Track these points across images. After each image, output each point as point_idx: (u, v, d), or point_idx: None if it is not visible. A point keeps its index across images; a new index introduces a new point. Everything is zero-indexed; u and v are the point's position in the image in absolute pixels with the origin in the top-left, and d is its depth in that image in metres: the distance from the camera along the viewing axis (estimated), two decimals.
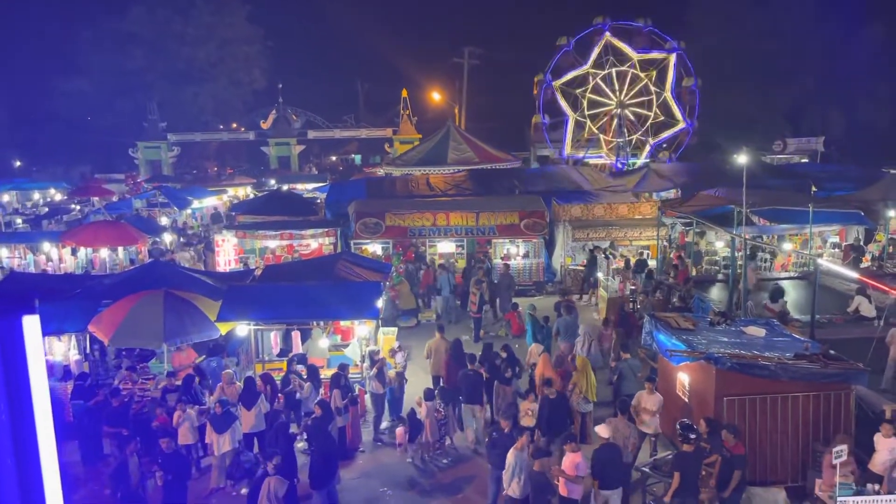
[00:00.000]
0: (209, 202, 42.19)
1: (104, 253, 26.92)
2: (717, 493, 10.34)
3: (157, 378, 14.39)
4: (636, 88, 41.57)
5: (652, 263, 23.79)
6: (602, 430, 10.79)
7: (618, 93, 41.58)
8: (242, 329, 15.37)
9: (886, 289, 15.20)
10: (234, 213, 31.02)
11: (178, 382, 13.56)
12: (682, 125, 41.77)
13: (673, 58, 41.19)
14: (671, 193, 30.29)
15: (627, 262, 23.13)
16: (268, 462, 9.85)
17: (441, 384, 14.75)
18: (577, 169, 34.21)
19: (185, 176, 57.30)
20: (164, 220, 36.44)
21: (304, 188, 44.99)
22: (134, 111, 64.08)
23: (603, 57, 41.40)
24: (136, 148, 64.20)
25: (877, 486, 9.91)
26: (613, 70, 41.39)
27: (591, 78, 41.50)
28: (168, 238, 31.46)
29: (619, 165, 40.72)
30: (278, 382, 14.04)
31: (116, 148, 65.31)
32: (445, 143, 40.16)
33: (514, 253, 25.36)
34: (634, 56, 41.14)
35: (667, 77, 41.56)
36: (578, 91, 41.65)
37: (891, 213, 23.28)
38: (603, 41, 40.79)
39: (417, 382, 14.66)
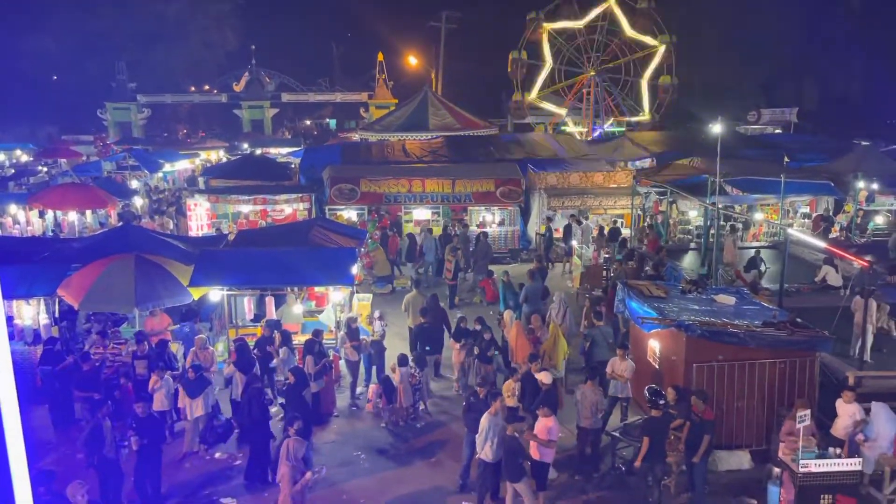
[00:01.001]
0: (181, 165, 41.55)
1: (72, 216, 26.46)
2: (685, 456, 10.59)
3: (128, 343, 14.28)
4: (615, 64, 41.52)
5: (626, 232, 23.97)
6: (543, 377, 11.36)
7: (597, 61, 41.48)
8: (215, 294, 15.25)
9: (853, 258, 15.49)
10: (206, 177, 30.55)
11: (147, 349, 13.43)
12: (661, 47, 41.63)
13: (661, 49, 41.08)
14: (646, 162, 30.45)
15: (602, 230, 23.27)
16: (289, 427, 9.88)
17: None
18: (553, 136, 34.19)
19: (156, 138, 56.30)
20: (134, 184, 35.84)
21: (278, 152, 44.48)
22: (102, 71, 62.52)
23: (599, 22, 41.17)
24: (105, 109, 62.78)
25: (838, 450, 10.22)
26: (602, 38, 41.24)
27: (578, 36, 41.28)
28: (139, 202, 30.98)
29: (596, 133, 40.79)
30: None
31: (84, 109, 63.78)
32: (424, 108, 39.76)
33: (489, 220, 25.39)
34: (628, 32, 40.94)
35: (649, 66, 41.49)
36: (554, 87, 41.57)
37: (860, 184, 23.66)
38: (606, 5, 40.44)
39: (394, 350, 14.71)
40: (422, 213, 25.39)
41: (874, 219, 24.58)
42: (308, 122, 75.21)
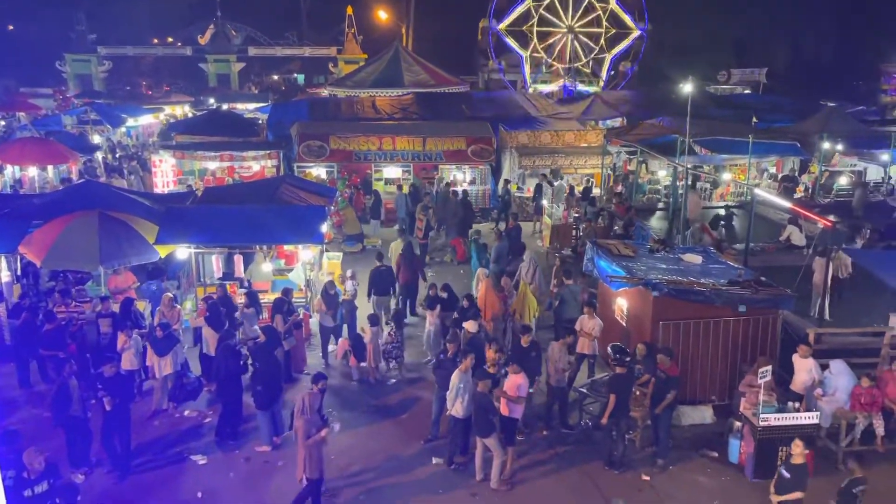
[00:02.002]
0: (145, 120, 40.53)
1: (33, 171, 25.74)
2: (649, 411, 10.84)
3: (93, 301, 14.07)
4: (582, 7, 41.05)
5: (596, 191, 24.07)
6: (469, 326, 12.09)
7: (565, 18, 41.03)
8: (182, 252, 15.04)
9: (817, 218, 15.77)
10: (171, 133, 29.83)
11: (116, 307, 13.26)
12: (635, 32, 41.56)
13: (635, 34, 40.72)
14: (617, 122, 30.46)
15: (572, 189, 23.34)
16: (314, 385, 9.86)
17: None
18: (525, 95, 33.96)
19: (118, 92, 54.65)
20: (96, 139, 34.92)
21: (245, 108, 43.54)
22: (60, 21, 60.26)
23: None
24: (64, 61, 60.72)
25: (797, 405, 10.53)
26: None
27: (534, 11, 40.71)
28: (101, 157, 30.22)
29: (568, 92, 40.61)
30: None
31: (43, 61, 61.57)
32: (397, 64, 39.06)
33: (460, 179, 25.28)
34: (612, 4, 40.43)
35: (619, 45, 41.22)
36: (526, 27, 40.93)
37: (826, 145, 23.98)
38: None
39: (365, 308, 14.70)
40: (392, 171, 25.18)
41: (838, 179, 24.99)
42: (276, 77, 73.57)
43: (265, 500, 9.93)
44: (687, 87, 22.24)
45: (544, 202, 23.37)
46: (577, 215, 21.14)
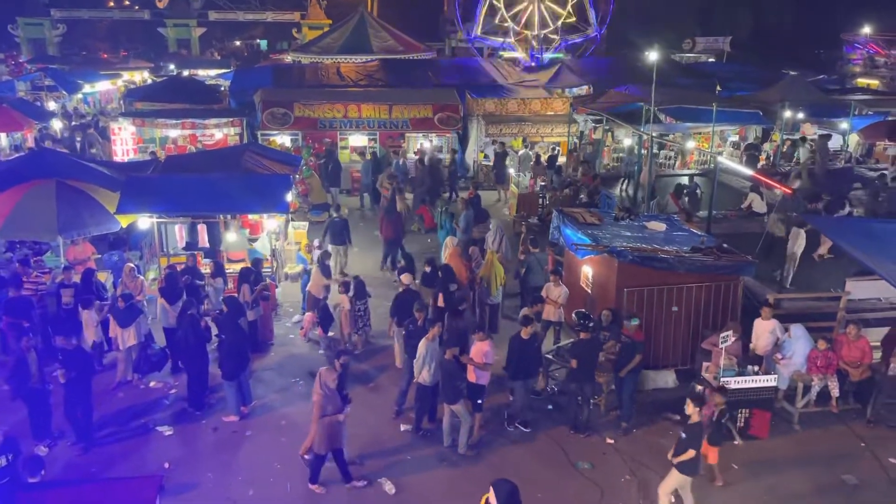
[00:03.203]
0: (102, 86, 39.41)
1: None
2: (613, 376, 11.05)
3: (52, 272, 13.78)
4: None
5: (562, 160, 24.13)
6: (405, 279, 12.68)
7: None
8: (144, 222, 14.76)
9: (777, 186, 16.06)
10: (130, 100, 29.06)
11: (77, 279, 13.01)
12: (590, 31, 41.44)
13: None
14: (583, 90, 30.45)
15: (538, 158, 23.39)
16: (336, 360, 9.72)
17: None
18: (491, 62, 33.71)
19: (74, 57, 52.96)
20: (52, 105, 33.90)
21: (207, 74, 42.55)
22: None
23: None
24: (17, 25, 58.53)
25: (756, 368, 10.81)
26: None
27: None
28: (58, 124, 29.38)
29: (534, 60, 40.38)
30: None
31: None
32: (364, 30, 38.39)
33: (427, 147, 25.12)
34: None
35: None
36: None
37: (787, 113, 24.29)
38: None
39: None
40: (358, 139, 24.93)
41: (800, 148, 25.38)
42: (238, 43, 71.87)
43: (233, 469, 9.93)
44: (652, 56, 22.27)
45: (510, 171, 23.39)
46: (542, 184, 21.21)
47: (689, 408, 8.71)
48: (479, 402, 10.48)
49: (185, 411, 11.27)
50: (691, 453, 8.53)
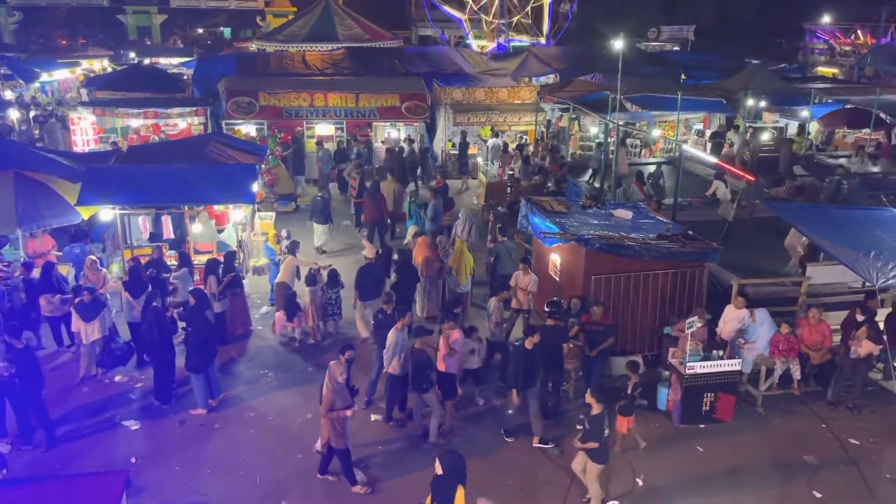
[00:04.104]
0: (60, 75, 38.46)
1: None
2: (582, 362, 11.17)
3: (12, 265, 13.45)
4: None
5: (529, 149, 24.21)
6: (368, 251, 13.43)
7: None
8: (107, 213, 14.47)
9: (741, 174, 16.32)
10: (89, 89, 28.40)
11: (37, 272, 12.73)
12: (541, 40, 41.58)
13: None
14: (550, 78, 30.54)
15: (506, 146, 23.43)
16: (341, 355, 9.56)
17: None
18: (458, 51, 33.64)
19: (31, 45, 51.59)
20: (8, 94, 33.00)
21: (169, 63, 41.78)
22: None
23: None
24: None
25: (721, 353, 11.00)
26: None
27: None
28: (14, 114, 28.61)
29: (501, 48, 40.40)
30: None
31: None
32: (329, 18, 38.00)
33: (395, 137, 25.01)
34: None
35: None
36: None
37: (750, 101, 24.68)
38: None
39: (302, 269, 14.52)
40: (324, 129, 24.72)
41: (762, 136, 25.81)
42: (200, 31, 70.61)
43: (202, 463, 9.83)
44: (618, 44, 22.42)
45: (479, 160, 23.40)
46: (511, 172, 21.26)
47: (589, 398, 8.75)
48: (450, 390, 10.51)
49: (151, 405, 11.12)
50: (593, 444, 8.65)
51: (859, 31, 46.24)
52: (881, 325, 11.42)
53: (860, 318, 11.20)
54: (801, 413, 11.21)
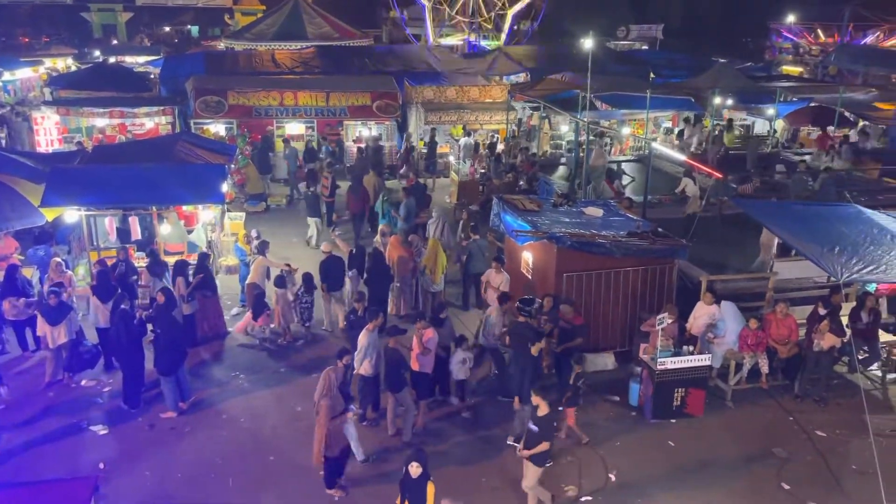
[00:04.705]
0: (22, 74, 37.64)
1: None
2: (553, 359, 11.23)
3: None
4: None
5: (500, 147, 24.26)
6: (324, 246, 13.51)
7: None
8: (72, 215, 14.21)
9: (709, 171, 16.53)
10: (53, 88, 27.83)
11: None
12: (497, 44, 41.81)
13: None
14: (521, 77, 30.66)
15: (477, 145, 23.47)
16: (338, 360, 9.47)
17: None
18: (429, 49, 33.62)
19: None
20: None
21: (135, 61, 41.12)
22: None
23: None
24: None
25: (690, 348, 11.14)
26: None
27: None
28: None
29: (472, 47, 40.47)
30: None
31: None
32: (298, 16, 37.74)
33: (366, 136, 24.92)
34: None
35: (520, 1, 41.17)
36: None
37: (717, 100, 25.01)
38: None
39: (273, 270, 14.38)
40: (294, 128, 24.54)
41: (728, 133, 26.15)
42: (167, 29, 69.62)
43: (172, 466, 9.69)
44: (588, 43, 22.56)
45: (451, 158, 23.40)
46: (482, 171, 21.30)
47: (536, 399, 8.54)
48: (423, 389, 10.50)
49: (119, 409, 10.94)
50: (545, 445, 8.46)
51: (820, 31, 47.14)
52: (846, 319, 11.66)
53: (822, 311, 11.42)
54: (770, 406, 11.39)
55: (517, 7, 42.55)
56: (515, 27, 42.55)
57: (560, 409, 9.92)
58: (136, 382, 11.02)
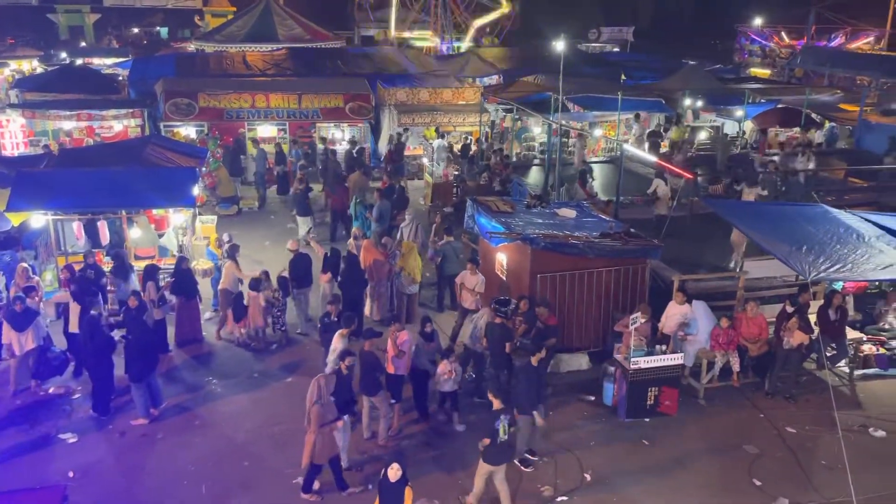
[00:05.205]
0: None
1: None
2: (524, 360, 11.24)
3: None
4: None
5: (473, 148, 24.31)
6: (291, 244, 13.82)
7: None
8: (38, 220, 13.95)
9: (680, 172, 16.72)
10: (19, 90, 27.31)
11: None
12: (505, 9, 41.99)
13: (505, 10, 40.90)
14: (493, 79, 30.78)
15: (451, 147, 23.48)
16: (341, 362, 9.38)
17: None
18: (402, 51, 33.61)
19: None
20: None
21: (103, 63, 40.52)
22: None
23: None
24: None
25: (663, 347, 11.25)
26: None
27: None
28: None
29: (444, 49, 40.54)
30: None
31: None
32: (269, 18, 37.50)
33: (339, 138, 24.82)
34: None
35: (485, 16, 41.34)
36: None
37: (687, 101, 25.33)
38: None
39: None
40: (267, 130, 24.36)
41: (699, 135, 26.52)
42: (136, 31, 68.70)
43: (144, 474, 9.55)
44: (560, 46, 22.71)
45: (424, 160, 23.38)
46: (456, 173, 21.33)
47: (490, 397, 8.74)
48: (399, 392, 10.47)
49: (89, 416, 10.76)
50: (487, 441, 8.54)
51: (784, 34, 47.98)
52: (814, 317, 11.86)
53: (790, 310, 11.61)
54: (741, 404, 11.54)
55: (481, 21, 42.75)
56: (480, 39, 42.75)
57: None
58: (106, 389, 10.84)
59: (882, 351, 12.46)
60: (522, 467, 9.75)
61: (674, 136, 24.52)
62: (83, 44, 55.79)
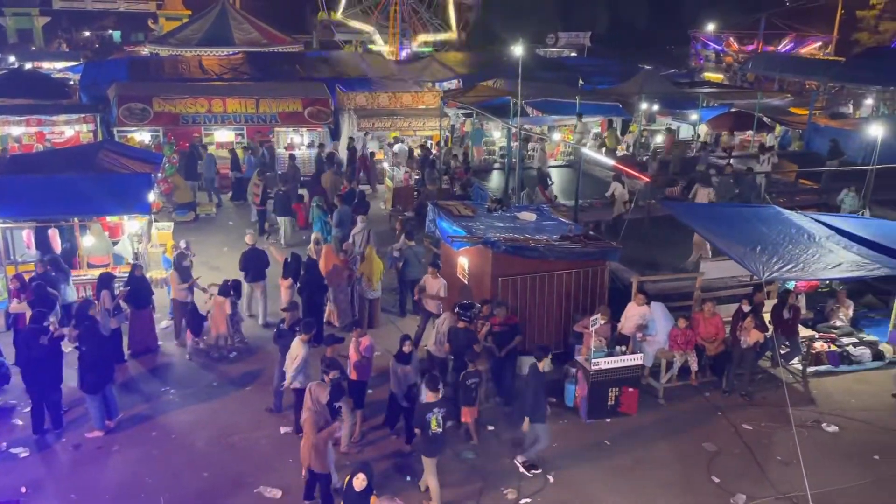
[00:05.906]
0: None
1: None
2: (492, 364, 11.27)
3: None
4: None
5: (434, 151, 24.31)
6: (248, 238, 14.11)
7: None
8: None
9: (637, 175, 16.94)
10: None
11: None
12: (453, 36, 42.14)
13: None
14: (453, 84, 30.83)
15: (411, 151, 23.46)
16: (325, 375, 9.15)
17: None
18: (361, 55, 33.47)
19: None
20: None
21: (53, 67, 39.53)
22: None
23: None
24: None
25: (623, 348, 11.38)
26: None
27: None
28: None
29: (403, 54, 40.52)
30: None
31: None
32: (225, 21, 37.01)
33: (298, 142, 24.60)
34: None
35: None
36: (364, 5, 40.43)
37: (644, 105, 25.71)
38: None
39: (205, 280, 13.98)
40: (224, 135, 24.02)
41: (655, 138, 26.94)
42: (87, 34, 67.17)
43: (100, 488, 9.30)
44: (518, 50, 22.83)
45: (385, 164, 23.29)
46: (416, 177, 21.30)
47: (426, 391, 9.02)
48: (361, 398, 10.40)
49: (43, 430, 10.43)
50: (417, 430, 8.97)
51: (733, 39, 49.15)
52: (767, 316, 12.12)
53: (746, 309, 11.85)
54: (699, 402, 11.74)
55: (426, 39, 42.94)
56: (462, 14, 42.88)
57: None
58: (50, 404, 10.41)
59: (833, 348, 12.83)
60: (525, 471, 9.82)
61: (608, 143, 24.81)
62: (33, 48, 54.36)
